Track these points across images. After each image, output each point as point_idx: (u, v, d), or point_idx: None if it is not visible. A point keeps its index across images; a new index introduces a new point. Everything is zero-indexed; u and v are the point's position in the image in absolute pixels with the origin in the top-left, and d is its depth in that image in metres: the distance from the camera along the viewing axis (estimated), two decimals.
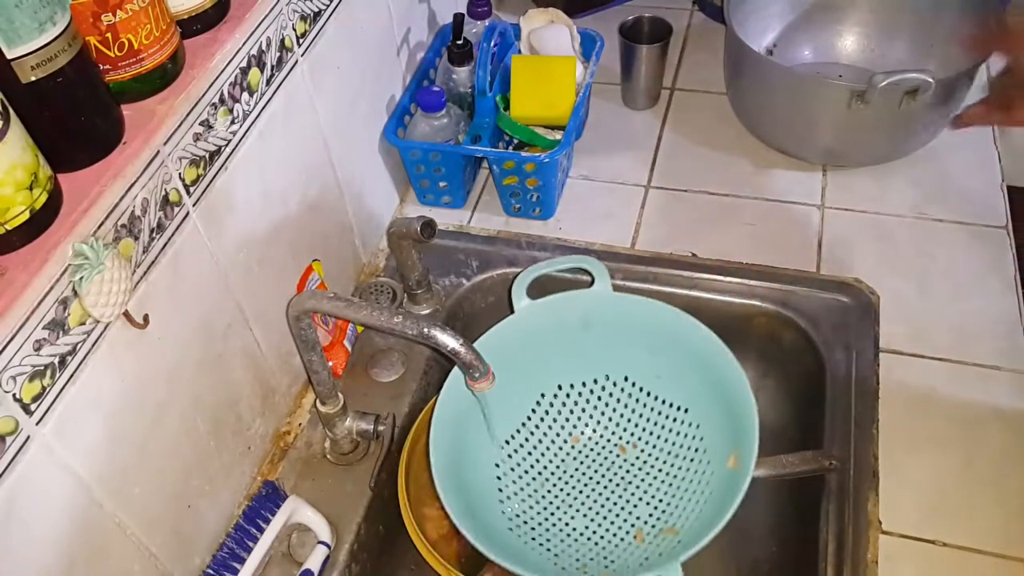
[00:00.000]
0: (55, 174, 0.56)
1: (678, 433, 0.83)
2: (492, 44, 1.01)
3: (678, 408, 0.84)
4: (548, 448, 0.86)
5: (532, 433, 0.85)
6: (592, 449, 0.86)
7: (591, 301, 0.83)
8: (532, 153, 1.03)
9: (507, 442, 0.84)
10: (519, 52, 1.14)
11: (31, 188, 0.53)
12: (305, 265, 0.89)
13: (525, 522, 0.80)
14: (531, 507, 0.81)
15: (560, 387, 0.87)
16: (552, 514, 0.81)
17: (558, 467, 0.85)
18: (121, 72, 0.62)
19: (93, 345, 0.60)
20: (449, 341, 0.66)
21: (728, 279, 0.99)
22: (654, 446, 0.84)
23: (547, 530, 0.80)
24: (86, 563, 0.62)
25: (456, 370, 0.78)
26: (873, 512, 0.78)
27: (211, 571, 0.75)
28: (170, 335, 0.68)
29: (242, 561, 0.76)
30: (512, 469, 0.83)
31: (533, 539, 0.79)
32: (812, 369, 0.94)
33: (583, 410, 0.87)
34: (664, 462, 0.83)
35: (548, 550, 0.78)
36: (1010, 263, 0.96)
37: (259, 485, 0.83)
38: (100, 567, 0.64)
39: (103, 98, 0.60)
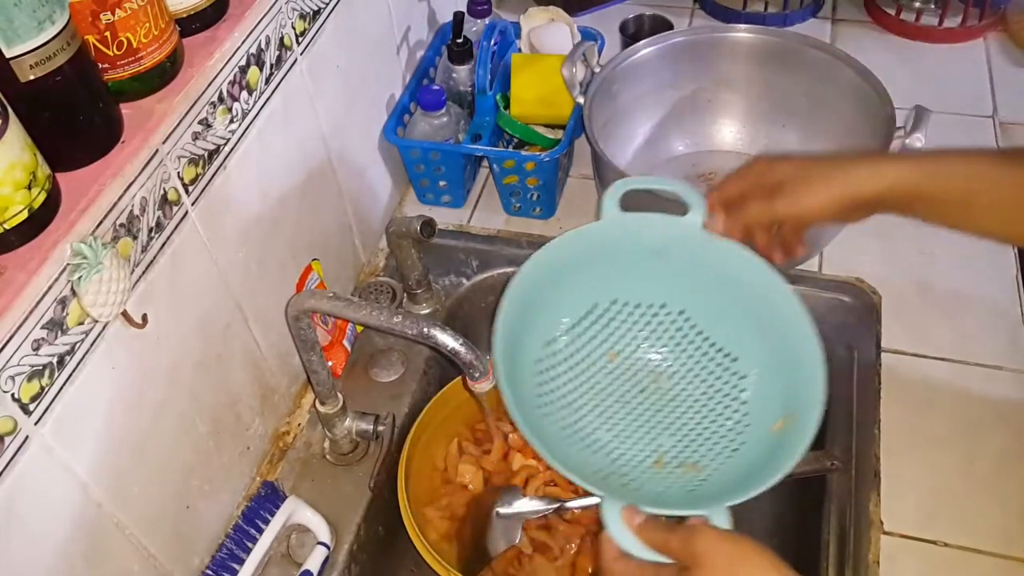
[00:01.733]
0: (54, 173, 0.56)
1: (719, 378, 0.81)
2: (492, 42, 1.01)
3: (726, 355, 0.81)
4: (586, 358, 0.83)
5: (574, 340, 0.83)
6: (628, 369, 0.84)
7: (679, 230, 0.79)
8: (532, 152, 1.03)
9: (550, 342, 0.82)
10: (519, 50, 1.14)
11: (29, 187, 0.53)
12: (304, 264, 0.89)
13: (552, 422, 0.78)
14: (558, 410, 0.79)
15: (614, 302, 0.84)
16: (577, 422, 0.79)
17: (591, 378, 0.83)
18: (120, 71, 0.61)
19: (92, 345, 0.60)
20: (449, 341, 0.66)
21: None
22: (690, 382, 0.82)
23: (569, 435, 0.78)
24: (85, 563, 0.62)
25: (530, 261, 0.77)
26: (875, 512, 0.78)
27: (210, 571, 0.75)
28: (169, 335, 0.68)
29: (241, 562, 0.76)
30: (549, 368, 0.81)
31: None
32: None
33: (628, 330, 0.85)
34: (697, 401, 0.81)
35: (567, 446, 0.77)
36: (1011, 262, 0.96)
37: (258, 485, 0.83)
38: (99, 567, 0.64)
39: (102, 97, 0.60)
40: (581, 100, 1.00)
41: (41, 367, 0.55)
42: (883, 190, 0.66)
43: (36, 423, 0.56)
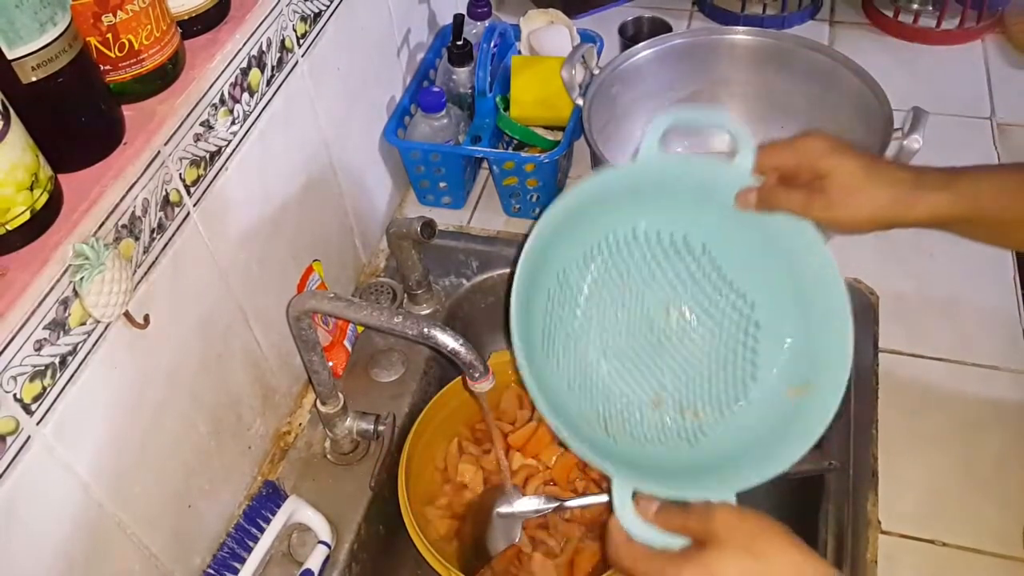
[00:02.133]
0: (56, 174, 0.56)
1: (734, 323, 0.77)
2: (492, 45, 1.01)
3: (746, 301, 0.77)
4: (594, 286, 0.79)
5: (589, 271, 0.79)
6: (637, 301, 0.79)
7: (725, 172, 0.73)
8: (532, 154, 1.03)
9: (563, 274, 0.78)
10: (519, 53, 1.15)
11: (32, 188, 0.53)
12: (305, 265, 0.89)
13: (557, 359, 0.75)
14: (565, 344, 0.76)
15: (634, 231, 0.78)
16: (582, 356, 0.77)
17: (597, 308, 0.79)
18: (122, 73, 0.62)
19: (94, 345, 0.60)
20: (449, 341, 0.66)
21: None
22: (703, 323, 0.78)
23: (572, 367, 0.76)
24: (86, 563, 0.62)
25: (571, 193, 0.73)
26: (872, 512, 0.79)
27: (211, 571, 0.76)
28: (170, 335, 0.69)
29: (242, 561, 0.76)
30: (561, 304, 0.77)
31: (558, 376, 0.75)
32: None
33: (647, 263, 0.79)
34: (706, 343, 0.77)
35: (568, 387, 0.75)
36: (1009, 263, 0.96)
37: (259, 485, 0.83)
38: (100, 567, 0.64)
39: (104, 99, 0.60)
40: (580, 102, 1.00)
41: (43, 367, 0.56)
42: (924, 216, 0.66)
43: (38, 423, 0.56)
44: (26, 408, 0.55)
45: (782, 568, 0.55)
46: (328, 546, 0.80)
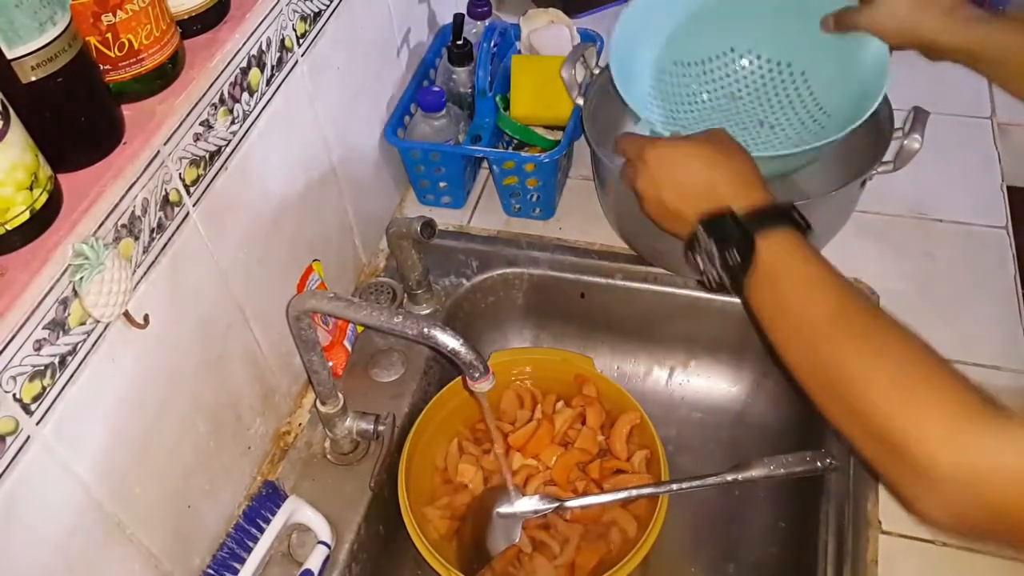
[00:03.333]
0: (55, 174, 0.56)
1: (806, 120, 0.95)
2: (492, 44, 1.01)
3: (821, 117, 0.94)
4: (703, 88, 1.01)
5: (703, 72, 1.01)
6: (732, 85, 1.00)
7: None
8: (532, 153, 1.03)
9: (683, 61, 1.00)
10: (519, 52, 1.15)
11: (31, 188, 0.53)
12: (305, 265, 0.89)
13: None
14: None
15: (749, 51, 0.99)
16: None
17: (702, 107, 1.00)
18: (121, 72, 0.62)
19: (93, 345, 0.60)
20: (449, 341, 0.66)
21: None
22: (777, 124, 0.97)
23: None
24: (86, 563, 0.62)
25: None
26: (873, 512, 0.79)
27: (211, 571, 0.76)
28: (170, 335, 0.68)
29: (242, 561, 0.76)
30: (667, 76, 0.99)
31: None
32: None
33: (752, 79, 0.99)
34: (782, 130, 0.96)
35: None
36: (1010, 263, 0.96)
37: (259, 485, 0.83)
38: (100, 567, 0.64)
39: (103, 98, 0.60)
40: (580, 102, 1.00)
41: (43, 367, 0.56)
42: (962, 40, 0.81)
43: (38, 423, 0.56)
44: (25, 408, 0.55)
45: (734, 159, 0.68)
46: (328, 546, 0.80)
